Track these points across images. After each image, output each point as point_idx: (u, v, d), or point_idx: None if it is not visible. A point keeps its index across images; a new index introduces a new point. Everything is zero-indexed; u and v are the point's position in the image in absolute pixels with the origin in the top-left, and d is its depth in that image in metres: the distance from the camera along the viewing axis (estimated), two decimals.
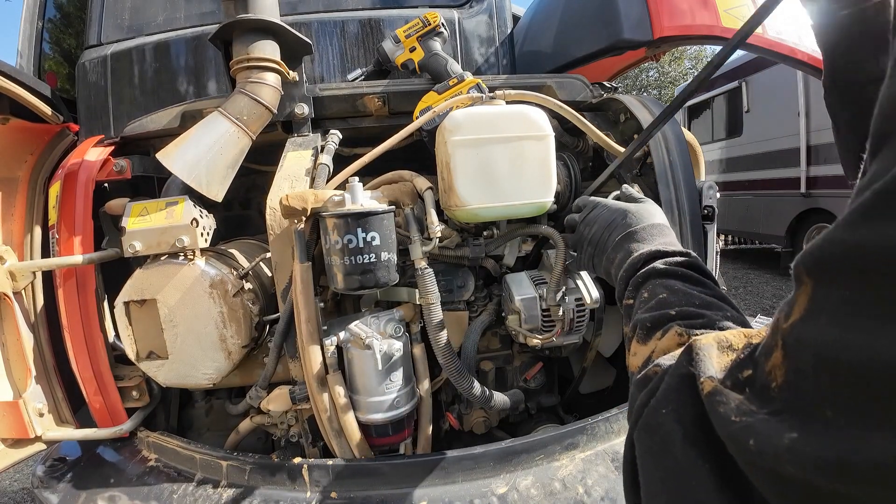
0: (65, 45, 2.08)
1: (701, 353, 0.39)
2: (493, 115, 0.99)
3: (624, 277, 0.68)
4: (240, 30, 1.14)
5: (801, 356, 0.28)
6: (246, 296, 1.14)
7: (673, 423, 0.37)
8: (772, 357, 0.31)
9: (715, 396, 0.34)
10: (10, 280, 1.19)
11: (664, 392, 0.40)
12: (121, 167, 1.22)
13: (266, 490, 1.02)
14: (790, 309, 0.30)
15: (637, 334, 0.56)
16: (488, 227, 1.16)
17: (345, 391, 1.04)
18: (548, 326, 1.04)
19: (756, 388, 0.32)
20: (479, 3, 1.63)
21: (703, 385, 0.36)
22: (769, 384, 0.31)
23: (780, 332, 0.31)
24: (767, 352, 0.32)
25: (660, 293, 0.59)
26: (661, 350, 0.50)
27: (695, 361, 0.39)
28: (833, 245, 0.27)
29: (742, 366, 0.35)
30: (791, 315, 0.30)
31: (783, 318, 0.31)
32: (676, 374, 0.40)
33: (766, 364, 0.32)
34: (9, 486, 2.45)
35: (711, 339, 0.41)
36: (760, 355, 0.33)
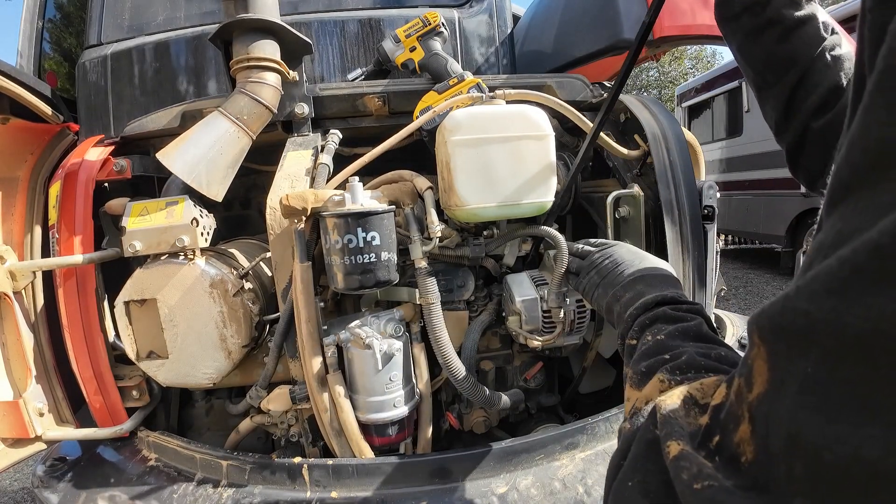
0: (65, 45, 2.08)
1: (667, 414, 0.38)
2: (494, 115, 0.99)
3: (633, 315, 0.68)
4: (240, 29, 1.14)
5: (770, 436, 0.26)
6: (246, 295, 1.14)
7: (639, 497, 0.35)
8: (739, 429, 0.29)
9: (679, 461, 0.32)
10: (11, 280, 1.19)
11: (631, 461, 0.39)
12: (121, 167, 1.22)
13: (266, 490, 1.02)
14: (750, 376, 0.29)
15: (631, 379, 0.54)
16: (488, 227, 1.16)
17: (345, 391, 1.04)
18: (548, 328, 1.04)
19: (724, 458, 0.31)
20: (480, 2, 1.63)
21: (668, 449, 0.34)
22: (738, 457, 0.29)
23: (745, 403, 0.29)
24: (734, 421, 0.30)
25: (661, 338, 0.58)
26: (644, 398, 0.49)
27: (660, 423, 0.37)
28: (795, 314, 0.25)
29: (710, 432, 0.33)
30: (754, 385, 0.28)
31: (745, 385, 0.29)
32: (643, 441, 0.38)
33: (733, 434, 0.30)
34: (9, 486, 2.46)
35: (677, 396, 0.40)
36: (727, 422, 0.31)
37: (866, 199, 0.23)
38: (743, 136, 6.29)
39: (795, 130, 0.75)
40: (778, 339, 0.26)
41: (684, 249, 1.11)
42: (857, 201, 0.24)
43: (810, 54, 0.71)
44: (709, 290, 1.17)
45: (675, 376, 0.48)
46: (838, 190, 0.25)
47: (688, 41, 1.44)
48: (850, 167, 0.24)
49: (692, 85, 7.65)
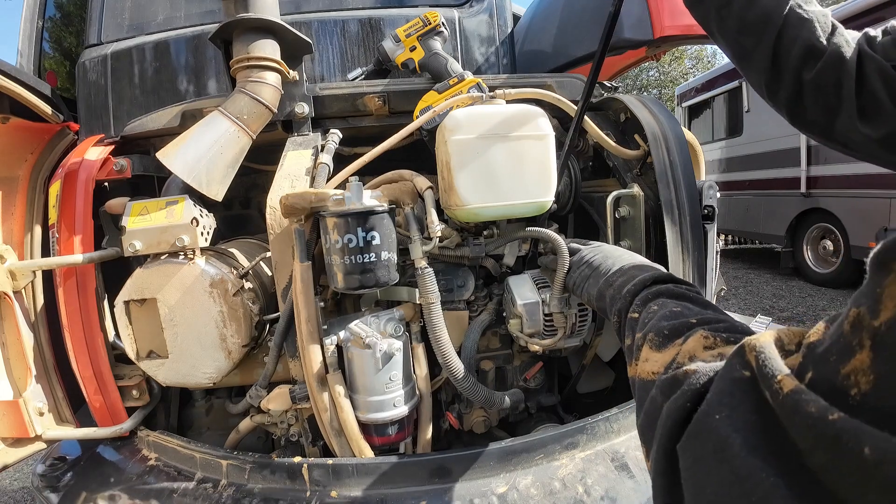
0: (65, 45, 2.08)
1: (764, 354, 0.35)
2: (494, 115, 0.99)
3: (632, 291, 0.68)
4: (240, 29, 1.14)
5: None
6: (246, 295, 1.14)
7: (729, 430, 0.33)
8: (853, 360, 0.27)
9: (801, 395, 0.29)
10: (11, 279, 1.19)
11: (717, 397, 0.36)
12: (121, 166, 1.22)
13: (266, 489, 1.02)
14: (875, 303, 0.26)
15: (651, 341, 0.53)
16: (488, 227, 1.16)
17: (345, 390, 1.04)
18: (550, 331, 1.04)
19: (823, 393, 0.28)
20: (480, 2, 1.63)
21: (780, 384, 0.31)
22: (846, 390, 0.27)
23: (866, 331, 0.26)
24: (844, 352, 0.28)
25: (672, 307, 0.57)
26: (687, 352, 0.47)
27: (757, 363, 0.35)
28: None
29: (802, 370, 0.31)
30: (880, 311, 0.26)
31: (867, 313, 0.27)
32: (728, 378, 0.36)
33: (840, 366, 0.28)
34: (9, 486, 2.46)
35: (769, 337, 0.37)
36: (830, 354, 0.29)
37: None
38: (743, 136, 6.29)
39: (788, 85, 0.75)
40: None
41: (684, 249, 1.11)
42: None
43: (780, 11, 0.73)
44: (709, 290, 1.17)
45: (719, 333, 0.46)
46: None
47: (688, 41, 1.44)
48: None
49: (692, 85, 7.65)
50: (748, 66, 0.80)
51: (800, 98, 0.75)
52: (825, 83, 0.71)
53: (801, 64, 0.72)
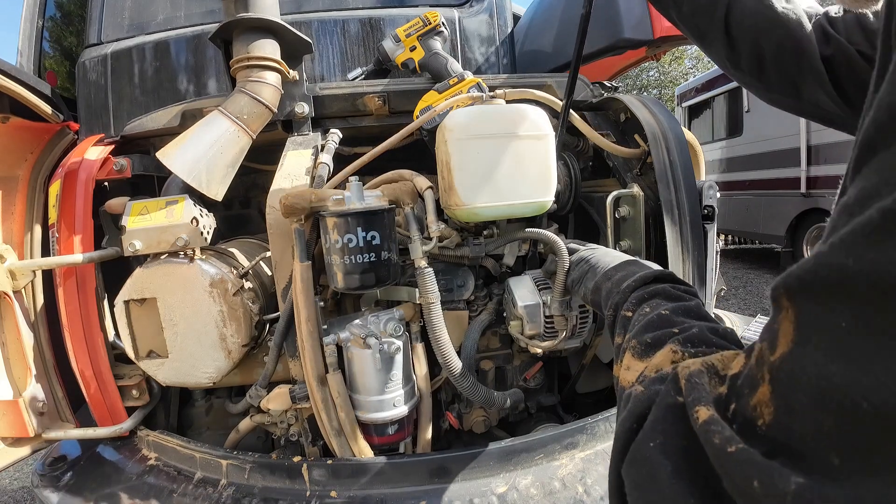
0: (65, 44, 2.08)
1: (692, 381, 0.37)
2: (494, 115, 0.99)
3: (630, 287, 0.67)
4: (240, 29, 1.14)
5: (794, 393, 0.26)
6: (246, 295, 1.14)
7: (660, 457, 0.35)
8: (757, 392, 0.29)
9: (710, 426, 0.31)
10: (10, 279, 1.19)
11: (652, 424, 0.38)
12: (121, 166, 1.22)
13: (266, 489, 1.02)
14: (774, 338, 0.28)
15: (633, 349, 0.54)
16: (488, 227, 1.16)
17: (344, 390, 1.04)
18: (550, 333, 1.04)
19: (740, 423, 0.30)
20: (480, 2, 1.63)
21: (697, 414, 0.33)
22: (754, 420, 0.29)
23: (766, 366, 0.28)
24: (751, 384, 0.30)
25: (662, 311, 0.57)
26: (654, 366, 0.48)
27: (685, 390, 0.37)
28: (830, 270, 0.24)
29: (727, 401, 0.33)
30: (777, 346, 0.28)
31: (767, 348, 0.29)
32: (663, 405, 0.38)
33: (750, 398, 0.30)
34: (9, 485, 2.46)
35: (699, 364, 0.39)
36: (743, 387, 0.31)
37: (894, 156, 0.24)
38: (743, 136, 6.29)
39: (748, 56, 0.77)
40: (808, 296, 0.26)
41: (684, 249, 1.11)
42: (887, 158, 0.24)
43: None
44: (709, 290, 1.17)
45: (688, 348, 0.48)
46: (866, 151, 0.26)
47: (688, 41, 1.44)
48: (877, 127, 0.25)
49: (692, 85, 7.65)
50: (708, 45, 0.82)
51: (762, 67, 0.76)
52: (784, 50, 0.72)
53: (755, 34, 0.74)
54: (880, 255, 0.22)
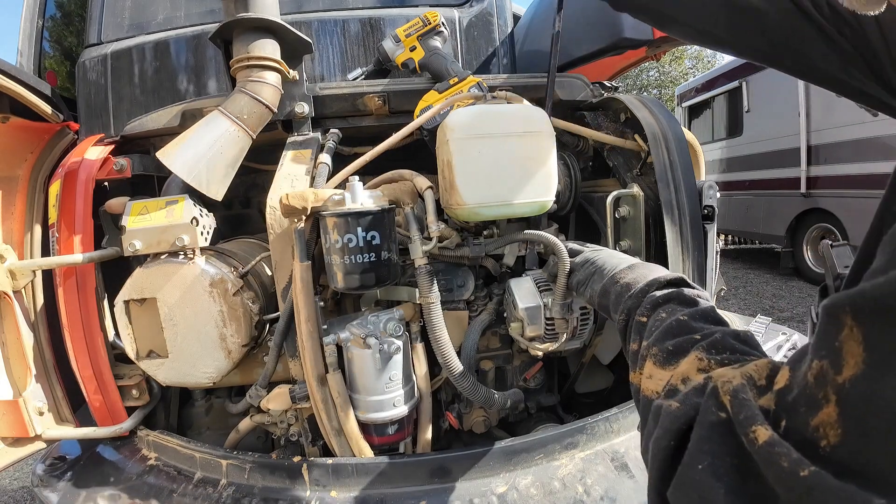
0: (65, 44, 2.08)
1: (738, 397, 0.36)
2: (494, 114, 0.99)
3: (643, 290, 0.66)
4: (240, 29, 1.14)
5: (869, 417, 0.26)
6: (246, 295, 1.14)
7: (711, 479, 0.34)
8: (820, 412, 0.28)
9: (774, 447, 0.30)
10: (10, 279, 1.19)
11: (697, 444, 0.37)
12: (121, 166, 1.22)
13: (266, 489, 1.02)
14: (838, 358, 0.27)
15: (655, 356, 0.53)
16: (488, 227, 1.16)
17: (344, 390, 1.04)
18: (551, 335, 1.04)
19: (795, 442, 0.30)
20: (480, 2, 1.63)
21: (755, 434, 0.32)
22: (816, 441, 0.28)
23: (831, 385, 0.28)
24: (811, 403, 0.29)
25: (680, 316, 0.56)
26: (680, 374, 0.47)
27: (730, 407, 0.36)
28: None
29: (777, 416, 0.32)
30: (844, 367, 0.27)
31: (832, 368, 0.28)
32: (707, 423, 0.37)
33: (809, 417, 0.29)
34: (9, 485, 2.45)
35: (739, 376, 0.38)
36: (799, 405, 0.30)
37: None
38: (743, 136, 6.29)
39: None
40: (877, 317, 0.26)
41: (684, 249, 1.11)
42: None
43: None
44: (709, 290, 1.17)
45: (714, 355, 0.47)
46: None
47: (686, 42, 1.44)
48: None
49: (692, 85, 7.65)
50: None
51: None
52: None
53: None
54: None
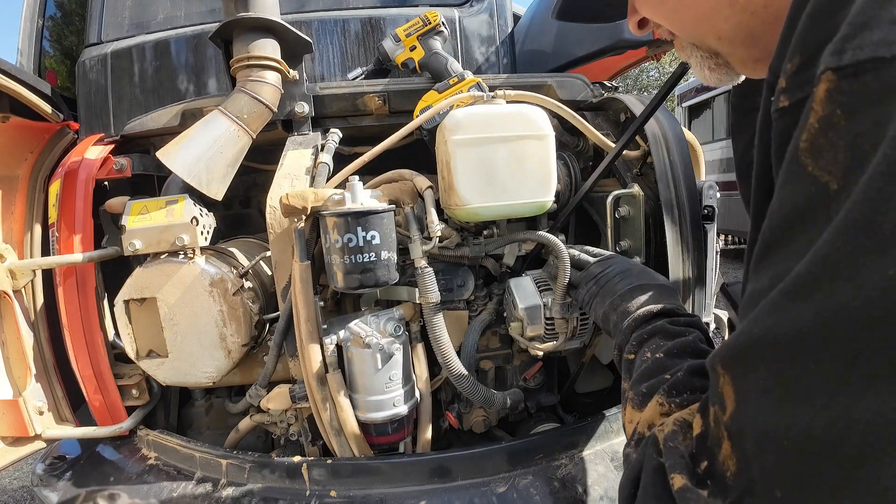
0: (65, 43, 2.08)
1: (668, 444, 0.42)
2: (494, 115, 0.99)
3: (630, 327, 0.69)
4: (240, 28, 1.14)
5: (744, 443, 0.32)
6: (246, 294, 1.14)
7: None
8: (722, 448, 0.34)
9: (686, 493, 0.37)
10: (10, 278, 1.19)
11: (643, 490, 0.43)
12: (121, 165, 1.22)
13: (265, 488, 1.02)
14: (722, 401, 0.34)
15: (632, 400, 0.57)
16: (488, 227, 1.16)
17: (344, 390, 1.04)
18: (551, 335, 1.04)
19: (716, 480, 0.35)
20: (480, 2, 1.63)
21: (673, 481, 0.38)
22: (724, 473, 0.34)
23: (722, 425, 0.34)
24: (717, 443, 0.35)
25: (659, 354, 0.60)
26: (646, 421, 0.52)
27: (664, 453, 0.42)
28: (746, 338, 0.31)
29: (698, 458, 0.38)
30: (726, 407, 0.33)
31: (720, 410, 0.34)
32: (650, 469, 0.43)
33: (718, 454, 0.35)
34: (8, 485, 2.46)
35: (671, 424, 0.44)
36: (711, 447, 0.36)
37: (786, 250, 0.31)
38: None
39: None
40: (736, 363, 0.33)
41: (684, 249, 1.11)
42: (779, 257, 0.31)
43: None
44: (709, 290, 1.17)
45: (674, 398, 0.51)
46: (763, 250, 0.33)
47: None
48: (771, 230, 0.33)
49: (692, 85, 7.64)
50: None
51: None
52: None
53: None
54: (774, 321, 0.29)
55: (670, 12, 0.54)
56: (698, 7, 0.49)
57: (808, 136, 0.30)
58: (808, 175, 0.30)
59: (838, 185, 0.28)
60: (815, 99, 0.30)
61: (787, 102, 0.33)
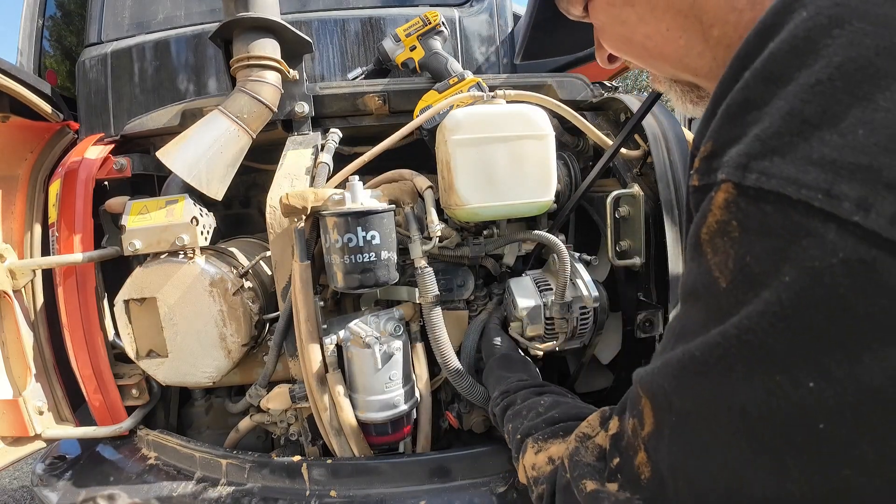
0: (65, 43, 2.08)
1: (573, 459, 0.47)
2: (494, 115, 0.99)
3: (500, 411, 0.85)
4: (240, 28, 1.14)
5: (660, 464, 0.36)
6: (246, 294, 1.14)
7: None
8: (637, 456, 0.39)
9: (596, 495, 0.41)
10: (10, 278, 1.19)
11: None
12: (121, 165, 1.22)
13: (265, 488, 1.02)
14: (641, 418, 0.38)
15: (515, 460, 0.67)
16: (488, 227, 1.16)
17: (344, 390, 1.04)
18: (551, 335, 1.04)
19: (626, 476, 0.40)
20: (480, 1, 1.63)
21: (584, 486, 0.43)
22: (639, 476, 0.38)
23: (640, 438, 0.39)
24: (633, 449, 0.39)
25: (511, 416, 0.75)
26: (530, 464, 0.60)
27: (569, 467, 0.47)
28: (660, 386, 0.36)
29: (611, 455, 0.43)
30: (644, 426, 0.38)
31: (639, 425, 0.39)
32: (561, 489, 0.49)
33: (633, 459, 0.39)
34: (8, 484, 2.46)
35: (573, 441, 0.50)
36: (626, 449, 0.41)
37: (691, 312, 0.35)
38: None
39: None
40: (654, 397, 0.37)
41: (684, 249, 1.11)
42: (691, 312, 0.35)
43: None
44: None
45: (542, 436, 0.61)
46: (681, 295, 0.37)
47: None
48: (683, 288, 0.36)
49: None
50: None
51: None
52: None
53: None
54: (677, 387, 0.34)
55: (638, 53, 0.51)
56: (667, 46, 0.46)
57: (708, 230, 0.32)
58: (706, 263, 0.32)
59: (726, 286, 0.30)
60: (714, 201, 0.31)
61: (698, 183, 0.33)
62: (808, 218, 0.26)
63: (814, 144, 0.26)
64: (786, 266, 0.27)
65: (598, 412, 0.52)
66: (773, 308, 0.27)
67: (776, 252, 0.27)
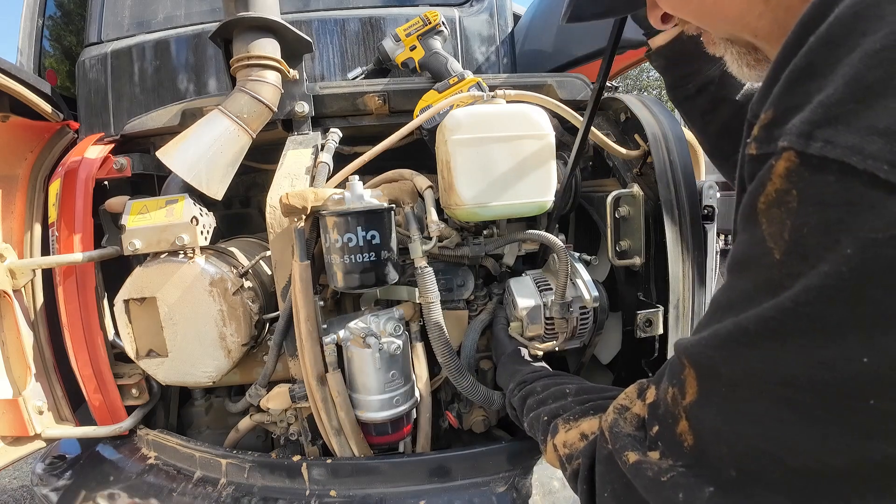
0: (65, 43, 2.08)
1: (613, 430, 0.47)
2: (494, 115, 0.99)
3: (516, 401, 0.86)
4: (240, 28, 1.14)
5: (702, 431, 0.37)
6: (246, 294, 1.14)
7: (613, 502, 0.46)
8: (679, 424, 0.39)
9: (640, 465, 0.41)
10: (10, 278, 1.19)
11: (600, 477, 0.49)
12: (121, 165, 1.22)
13: (265, 488, 1.02)
14: (683, 387, 0.39)
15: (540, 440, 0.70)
16: (488, 226, 1.16)
17: (344, 389, 1.04)
18: (551, 335, 1.04)
19: (667, 443, 0.40)
20: (480, 1, 1.63)
21: (626, 457, 0.43)
22: (681, 443, 0.39)
23: (680, 406, 0.39)
24: (673, 418, 0.40)
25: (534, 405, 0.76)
26: (562, 443, 0.60)
27: (610, 439, 0.47)
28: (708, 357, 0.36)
29: (650, 423, 0.44)
30: (686, 395, 0.38)
31: (679, 394, 0.39)
32: (601, 458, 0.49)
33: (675, 427, 0.39)
34: (8, 484, 2.46)
35: (610, 413, 0.50)
36: (666, 417, 0.41)
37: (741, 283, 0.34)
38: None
39: None
40: (701, 367, 0.37)
41: (684, 249, 1.11)
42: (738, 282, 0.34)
43: None
44: (709, 290, 1.17)
45: (573, 415, 0.61)
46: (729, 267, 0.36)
47: None
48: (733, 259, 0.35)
49: None
50: (726, 169, 0.89)
51: None
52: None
53: None
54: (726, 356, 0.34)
55: (696, 10, 0.50)
56: (727, 4, 0.46)
57: (766, 199, 0.31)
58: (761, 233, 0.32)
59: (780, 257, 0.30)
60: (774, 170, 0.30)
61: (756, 152, 0.33)
62: (872, 189, 0.25)
63: (879, 112, 0.25)
64: (846, 238, 0.26)
65: (635, 384, 0.52)
66: (831, 281, 0.27)
67: (836, 223, 0.27)
